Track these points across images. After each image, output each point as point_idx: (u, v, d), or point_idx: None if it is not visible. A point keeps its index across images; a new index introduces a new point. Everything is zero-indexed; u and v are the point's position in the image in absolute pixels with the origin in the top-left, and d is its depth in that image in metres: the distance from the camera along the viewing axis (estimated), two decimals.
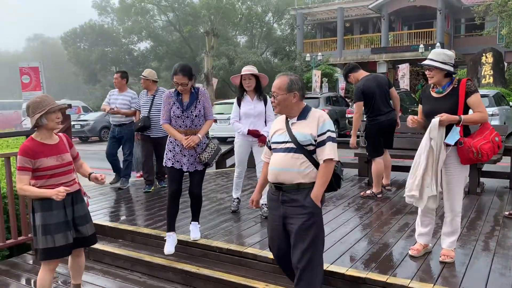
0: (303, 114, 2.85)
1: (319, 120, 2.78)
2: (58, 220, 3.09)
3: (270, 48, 38.84)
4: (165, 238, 4.02)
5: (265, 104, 4.68)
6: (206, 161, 3.93)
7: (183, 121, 3.89)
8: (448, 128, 3.37)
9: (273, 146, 2.90)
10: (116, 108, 6.28)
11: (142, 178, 6.65)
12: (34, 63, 11.00)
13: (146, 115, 6.02)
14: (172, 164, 3.96)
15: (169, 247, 3.94)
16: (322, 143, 2.75)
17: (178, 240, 4.05)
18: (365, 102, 5.37)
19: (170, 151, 3.99)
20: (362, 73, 5.57)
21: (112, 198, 6.04)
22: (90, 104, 29.23)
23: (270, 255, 3.65)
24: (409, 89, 19.57)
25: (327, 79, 24.64)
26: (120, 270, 4.14)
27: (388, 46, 27.94)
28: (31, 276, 4.10)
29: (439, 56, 3.40)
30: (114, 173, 6.81)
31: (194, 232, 4.08)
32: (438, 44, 24.47)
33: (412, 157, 5.90)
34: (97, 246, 4.39)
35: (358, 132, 5.75)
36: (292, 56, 31.14)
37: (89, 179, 3.30)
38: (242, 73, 4.63)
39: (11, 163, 4.35)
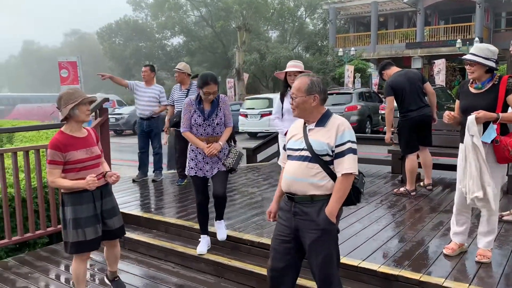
0: (322, 120, 2.63)
1: (338, 129, 2.55)
2: (88, 213, 3.12)
3: (301, 43, 38.59)
4: (199, 240, 4.08)
5: None
6: (231, 166, 3.90)
7: (205, 129, 3.86)
8: (485, 125, 3.29)
9: (288, 152, 2.71)
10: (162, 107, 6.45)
11: (175, 171, 6.75)
12: (72, 57, 11.33)
13: (181, 110, 6.05)
14: (195, 173, 3.93)
15: (202, 247, 4.00)
16: (341, 155, 2.51)
17: (210, 232, 4.12)
18: (395, 97, 5.30)
19: (192, 159, 3.95)
20: (394, 69, 5.50)
21: (146, 189, 6.19)
22: (125, 98, 29.87)
23: None
24: (445, 85, 19.07)
25: (359, 74, 24.31)
26: (154, 260, 4.24)
27: (424, 41, 27.27)
28: (69, 263, 4.25)
29: (481, 51, 3.30)
30: (139, 170, 6.74)
31: (220, 232, 4.03)
32: (476, 39, 23.67)
33: (448, 155, 5.83)
34: (132, 236, 4.54)
35: (392, 129, 5.66)
36: (324, 51, 30.86)
37: (104, 177, 3.27)
38: (288, 70, 4.53)
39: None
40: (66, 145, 3.05)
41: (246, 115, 15.54)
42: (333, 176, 2.54)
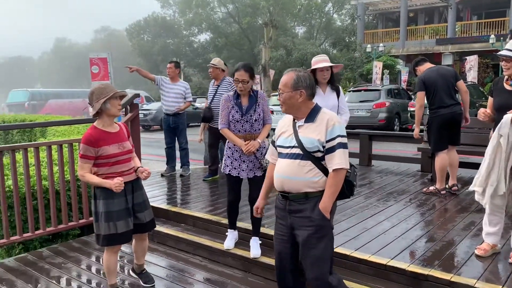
0: (311, 116, 2.57)
1: (328, 124, 2.50)
2: (120, 207, 3.17)
3: (329, 39, 38.24)
4: (226, 233, 4.11)
5: (338, 95, 4.30)
6: (267, 166, 3.84)
7: (242, 126, 3.77)
8: None
9: (278, 150, 2.66)
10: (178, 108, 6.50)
11: (205, 166, 6.80)
12: (103, 54, 11.57)
13: (208, 105, 6.14)
14: (229, 171, 3.86)
15: (229, 242, 4.02)
16: (331, 150, 2.48)
17: (237, 227, 4.14)
18: (426, 93, 5.19)
19: (229, 157, 3.88)
20: (427, 65, 5.39)
21: (174, 184, 6.28)
22: (153, 94, 30.29)
23: None
24: (477, 82, 18.57)
25: (388, 71, 23.91)
26: (183, 253, 4.31)
27: (455, 37, 26.60)
28: (100, 254, 4.37)
29: None
30: (167, 165, 6.85)
31: (254, 249, 3.87)
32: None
33: (479, 154, 5.68)
34: (161, 229, 4.62)
35: (422, 126, 5.56)
36: (351, 47, 30.47)
37: (136, 172, 3.34)
38: (317, 66, 4.17)
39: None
40: (99, 140, 3.11)
41: (272, 112, 15.55)
42: (326, 172, 2.51)
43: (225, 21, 41.91)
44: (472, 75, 19.87)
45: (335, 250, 3.15)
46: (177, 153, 6.84)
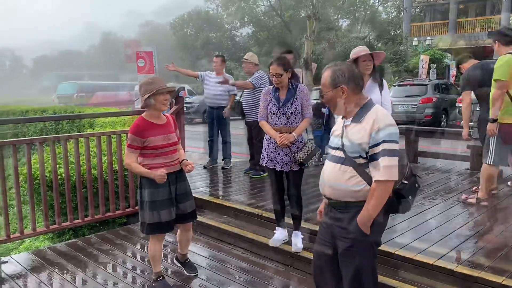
0: (359, 115, 2.29)
1: (373, 126, 2.20)
2: (163, 197, 3.25)
3: (373, 32, 37.36)
4: (274, 231, 4.08)
5: (381, 88, 4.02)
6: (301, 160, 3.69)
7: (278, 118, 3.75)
8: None
9: (328, 150, 2.47)
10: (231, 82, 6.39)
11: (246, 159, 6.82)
12: (148, 48, 11.86)
13: (238, 100, 6.21)
14: (266, 163, 3.87)
15: (275, 240, 3.98)
16: (375, 158, 2.19)
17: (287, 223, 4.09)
18: (474, 90, 4.96)
19: (265, 149, 3.89)
20: (471, 62, 5.15)
21: (216, 176, 6.36)
22: (195, 88, 30.71)
23: None
24: None
25: (435, 65, 23.10)
26: (225, 244, 4.36)
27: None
28: (145, 242, 4.49)
29: None
30: (209, 157, 6.92)
31: (296, 244, 3.85)
32: None
33: None
34: (204, 220, 4.70)
35: (470, 123, 5.32)
36: (397, 40, 29.67)
37: (180, 164, 3.40)
38: (356, 56, 3.97)
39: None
40: (145, 131, 3.20)
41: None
42: (371, 181, 2.22)
43: (267, 15, 41.78)
44: None
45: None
46: (220, 146, 6.91)
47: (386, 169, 2.15)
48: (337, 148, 2.33)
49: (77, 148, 4.49)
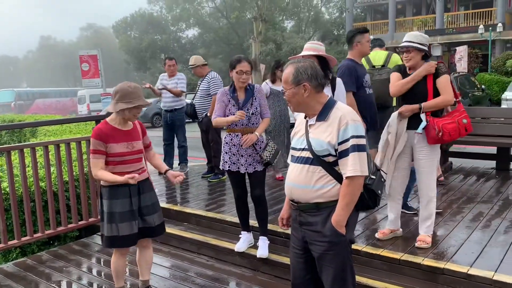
0: (323, 113, 2.22)
1: (340, 123, 2.14)
2: (123, 209, 3.01)
3: (318, 33, 38.17)
4: (239, 236, 3.98)
5: (333, 88, 3.73)
6: (268, 159, 3.65)
7: (239, 120, 3.65)
8: (416, 116, 3.37)
9: (291, 152, 2.36)
10: (163, 86, 6.31)
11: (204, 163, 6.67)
12: (92, 51, 11.38)
13: (191, 102, 6.09)
14: (229, 167, 3.74)
15: (240, 245, 3.88)
16: (344, 154, 2.13)
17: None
18: None
19: (226, 152, 3.76)
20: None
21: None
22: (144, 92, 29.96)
23: None
24: (467, 72, 18.65)
25: None
26: (187, 253, 4.20)
27: (444, 28, 26.70)
28: (101, 256, 4.25)
29: (416, 37, 3.38)
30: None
31: (261, 248, 3.75)
32: (500, 24, 23.11)
33: (474, 143, 5.65)
34: None
35: None
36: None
37: (164, 174, 3.21)
38: (302, 54, 3.76)
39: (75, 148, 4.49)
40: (108, 136, 2.97)
41: None
42: (340, 179, 2.17)
43: (213, 16, 41.53)
44: (462, 66, 19.96)
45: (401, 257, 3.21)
46: (176, 151, 6.71)
47: (356, 165, 2.11)
48: (303, 149, 2.24)
49: (22, 159, 4.17)
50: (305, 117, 2.33)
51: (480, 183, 5.32)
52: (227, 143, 3.78)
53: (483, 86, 15.50)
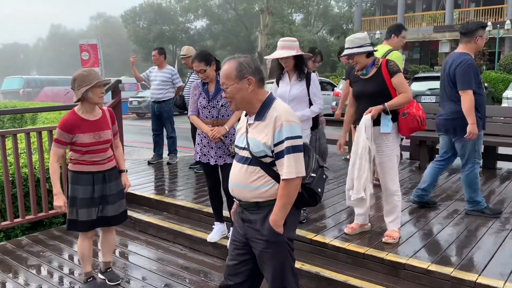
0: (261, 112, 2.18)
1: (275, 124, 2.11)
2: (84, 195, 3.10)
3: (326, 26, 37.94)
4: (212, 226, 4.02)
5: (308, 84, 3.86)
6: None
7: (209, 112, 3.69)
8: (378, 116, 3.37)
9: (235, 149, 2.35)
10: (146, 77, 6.49)
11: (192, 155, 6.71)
12: (92, 40, 11.38)
13: (180, 94, 6.16)
14: (200, 158, 3.80)
15: (213, 235, 3.93)
16: (279, 156, 2.10)
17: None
18: None
19: (198, 144, 3.82)
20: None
21: (161, 172, 6.22)
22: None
23: (308, 234, 3.62)
24: None
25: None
26: (163, 242, 4.26)
27: (453, 24, 26.39)
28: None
29: (353, 42, 3.38)
30: (153, 152, 6.80)
31: (213, 233, 3.93)
32: (508, 21, 22.80)
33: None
34: (143, 217, 4.58)
35: None
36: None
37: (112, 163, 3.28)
38: (273, 57, 3.92)
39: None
40: (75, 127, 3.04)
41: None
42: (279, 179, 2.15)
43: (221, 8, 41.51)
44: None
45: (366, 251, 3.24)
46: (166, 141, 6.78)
47: (291, 167, 2.09)
48: (243, 148, 2.23)
49: (3, 146, 4.24)
50: (245, 115, 2.31)
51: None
52: (199, 134, 3.85)
53: (485, 84, 15.34)
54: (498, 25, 22.24)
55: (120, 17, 46.24)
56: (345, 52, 3.41)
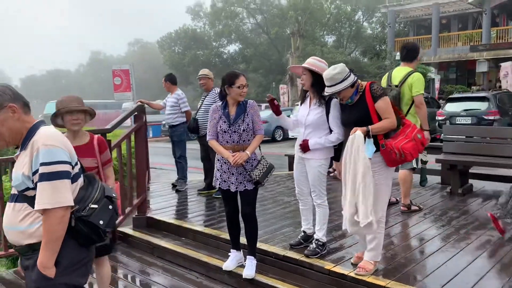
0: (26, 139, 1.94)
1: (32, 149, 1.88)
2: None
3: (359, 47, 37.75)
4: (229, 254, 3.90)
5: (327, 110, 3.58)
6: (257, 179, 3.51)
7: (230, 136, 3.55)
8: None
9: None
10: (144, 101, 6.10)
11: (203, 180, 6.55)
12: (125, 66, 11.76)
13: (194, 116, 6.03)
14: (220, 184, 3.66)
15: (228, 263, 3.80)
16: (36, 186, 1.88)
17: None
18: None
19: (218, 170, 3.67)
20: None
21: (177, 197, 6.14)
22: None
23: (327, 265, 3.45)
24: None
25: None
26: (180, 269, 4.17)
27: (490, 43, 25.63)
28: None
29: (332, 80, 3.18)
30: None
31: (247, 268, 3.65)
32: None
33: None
34: (161, 242, 4.53)
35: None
36: (382, 55, 29.91)
37: None
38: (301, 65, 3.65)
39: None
40: None
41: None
42: None
43: (253, 32, 42.20)
44: (508, 82, 19.02)
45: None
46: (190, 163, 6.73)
47: (44, 197, 1.83)
48: (13, 186, 1.98)
49: None
50: (17, 148, 2.02)
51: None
52: (218, 160, 3.72)
53: None
54: None
55: (156, 43, 47.71)
56: (329, 91, 3.22)
